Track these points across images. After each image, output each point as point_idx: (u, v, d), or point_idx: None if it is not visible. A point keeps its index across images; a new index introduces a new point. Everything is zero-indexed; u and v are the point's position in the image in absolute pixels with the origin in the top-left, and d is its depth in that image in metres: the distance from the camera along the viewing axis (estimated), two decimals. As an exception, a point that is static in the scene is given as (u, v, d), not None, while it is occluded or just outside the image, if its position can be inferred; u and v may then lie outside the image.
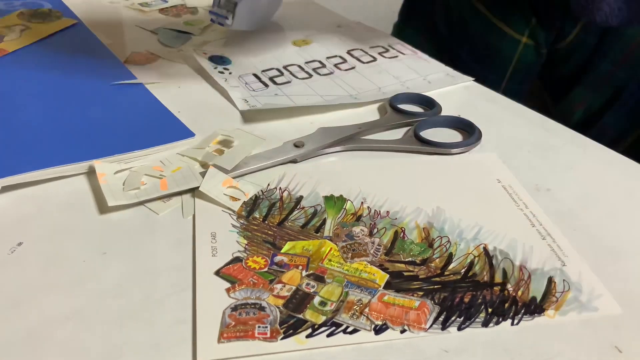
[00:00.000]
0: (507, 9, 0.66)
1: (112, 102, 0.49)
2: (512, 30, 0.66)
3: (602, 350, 0.28)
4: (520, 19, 0.65)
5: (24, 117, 0.46)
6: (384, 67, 0.57)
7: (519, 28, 0.66)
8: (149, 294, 0.31)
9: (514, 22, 0.66)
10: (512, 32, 0.66)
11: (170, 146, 0.43)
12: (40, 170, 0.39)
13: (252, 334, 0.28)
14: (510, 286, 0.32)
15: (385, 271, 0.33)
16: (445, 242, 0.35)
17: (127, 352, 0.28)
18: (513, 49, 0.66)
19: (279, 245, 0.34)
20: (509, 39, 0.66)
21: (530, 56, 0.67)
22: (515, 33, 0.66)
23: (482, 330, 0.29)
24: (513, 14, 0.66)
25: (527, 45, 0.66)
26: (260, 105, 0.49)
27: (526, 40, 0.66)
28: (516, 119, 0.49)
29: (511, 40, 0.66)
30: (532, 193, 0.39)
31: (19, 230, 0.35)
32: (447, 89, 0.53)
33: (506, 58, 0.67)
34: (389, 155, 0.44)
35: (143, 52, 0.59)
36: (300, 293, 0.31)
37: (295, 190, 0.39)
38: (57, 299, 0.31)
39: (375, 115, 0.49)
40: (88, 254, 0.34)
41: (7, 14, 0.65)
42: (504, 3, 0.66)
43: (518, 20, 0.65)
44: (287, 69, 0.55)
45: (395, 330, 0.29)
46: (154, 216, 0.37)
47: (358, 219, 0.37)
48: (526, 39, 0.66)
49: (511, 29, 0.66)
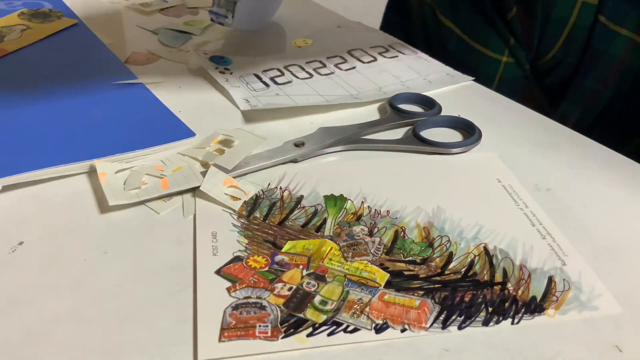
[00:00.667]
0: (484, 33, 0.65)
1: (113, 101, 0.49)
2: (491, 52, 0.66)
3: (603, 350, 0.28)
4: (498, 41, 0.65)
5: (25, 117, 0.46)
6: (385, 67, 0.57)
7: (498, 49, 0.65)
8: (150, 293, 0.31)
9: (492, 44, 0.65)
10: (491, 53, 0.66)
11: (170, 146, 0.43)
12: (41, 169, 0.39)
13: (253, 333, 0.28)
14: (510, 285, 0.32)
15: (385, 270, 0.33)
16: (446, 242, 0.35)
17: (127, 352, 0.28)
18: (494, 68, 0.66)
19: (279, 245, 0.34)
20: (488, 59, 0.66)
21: (512, 72, 0.66)
22: (495, 54, 0.66)
23: (483, 330, 0.29)
24: (490, 37, 0.65)
25: (507, 64, 0.66)
26: (261, 105, 0.49)
27: (506, 60, 0.65)
28: (516, 118, 0.49)
29: (491, 60, 0.66)
30: (532, 192, 0.39)
31: (20, 229, 0.35)
32: (447, 89, 0.54)
33: (489, 76, 0.66)
34: (389, 155, 0.44)
35: (143, 52, 0.59)
36: (300, 292, 0.31)
37: (295, 189, 0.39)
38: (57, 299, 0.31)
39: (375, 115, 0.49)
40: (89, 254, 0.34)
41: (7, 14, 0.65)
42: (481, 27, 0.66)
43: (496, 42, 0.65)
44: (287, 69, 0.55)
45: (396, 330, 0.29)
46: (155, 216, 0.37)
47: (358, 219, 0.37)
48: (506, 58, 0.65)
49: (490, 50, 0.66)
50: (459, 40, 0.67)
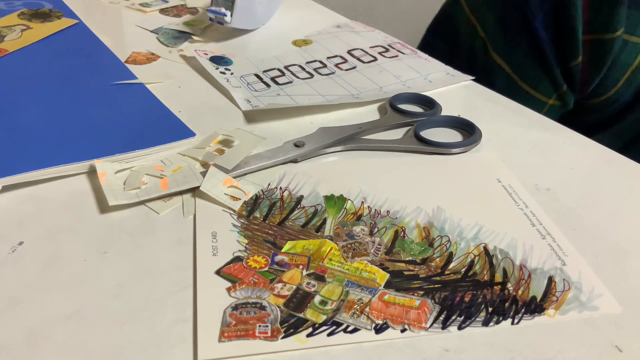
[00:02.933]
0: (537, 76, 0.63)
1: (113, 101, 0.49)
2: (539, 94, 0.64)
3: (602, 350, 0.28)
4: (549, 86, 0.63)
5: (25, 117, 0.46)
6: (385, 66, 0.57)
7: (546, 92, 0.63)
8: (150, 293, 0.31)
9: (542, 87, 0.63)
10: (538, 95, 0.64)
11: (170, 146, 0.43)
12: (41, 169, 0.39)
13: (253, 333, 0.28)
14: (510, 285, 0.32)
15: (385, 270, 0.33)
16: (446, 242, 0.35)
17: (127, 352, 0.28)
18: (539, 108, 0.63)
19: (279, 245, 0.34)
20: (534, 100, 0.64)
21: (555, 113, 0.65)
22: (542, 96, 0.64)
23: (483, 330, 0.29)
24: (542, 80, 0.63)
25: (552, 106, 0.64)
26: (263, 105, 0.49)
27: (553, 102, 0.63)
28: (516, 118, 0.49)
29: (537, 101, 0.64)
30: (532, 192, 0.39)
31: (20, 229, 0.35)
32: (447, 89, 0.53)
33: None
34: (389, 155, 0.44)
35: (143, 52, 0.59)
36: (300, 292, 0.31)
37: (295, 189, 0.39)
38: (57, 299, 0.31)
39: (375, 115, 0.49)
40: (88, 254, 0.34)
41: (7, 14, 0.65)
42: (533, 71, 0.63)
43: (546, 86, 0.63)
44: (288, 69, 0.55)
45: (396, 330, 0.29)
46: (155, 216, 0.37)
47: (358, 219, 0.37)
48: (553, 100, 0.63)
49: (538, 92, 0.64)
50: (508, 78, 0.65)
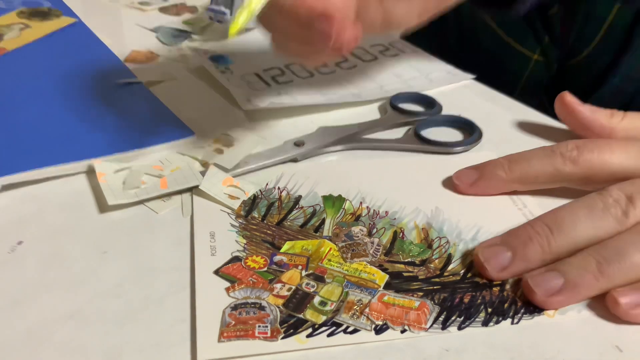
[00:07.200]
0: (520, 29, 0.65)
1: (112, 100, 0.49)
2: (525, 48, 0.65)
3: (603, 350, 0.28)
4: (533, 38, 0.65)
5: (24, 116, 0.46)
6: (386, 65, 0.57)
7: (531, 46, 0.65)
8: (149, 293, 0.31)
9: (527, 40, 0.65)
10: (524, 49, 0.66)
11: (170, 145, 0.43)
12: (40, 169, 0.39)
13: (253, 334, 0.28)
14: (509, 286, 0.32)
15: (384, 271, 0.33)
16: (445, 243, 0.35)
17: (127, 352, 0.28)
18: (524, 66, 0.66)
19: (278, 245, 0.34)
20: (519, 55, 0.66)
21: (540, 72, 0.66)
22: (527, 51, 0.66)
23: (482, 330, 0.29)
24: (527, 33, 0.65)
25: (537, 62, 0.66)
26: (264, 104, 0.49)
27: (537, 57, 0.65)
28: (517, 118, 0.49)
29: (522, 57, 0.66)
30: (531, 192, 0.39)
31: (19, 229, 0.35)
32: (448, 88, 0.53)
33: (517, 75, 0.66)
34: (390, 155, 0.44)
35: (143, 51, 0.59)
36: (300, 293, 0.31)
37: (293, 189, 0.39)
38: (57, 299, 0.31)
39: (375, 114, 0.49)
40: (88, 253, 0.34)
41: (6, 13, 0.65)
42: (518, 23, 0.65)
43: (531, 39, 0.65)
44: (288, 68, 0.55)
45: (396, 330, 0.29)
46: (154, 215, 0.37)
47: (357, 219, 0.37)
48: (537, 56, 0.65)
49: (523, 47, 0.65)
50: (494, 36, 0.67)
